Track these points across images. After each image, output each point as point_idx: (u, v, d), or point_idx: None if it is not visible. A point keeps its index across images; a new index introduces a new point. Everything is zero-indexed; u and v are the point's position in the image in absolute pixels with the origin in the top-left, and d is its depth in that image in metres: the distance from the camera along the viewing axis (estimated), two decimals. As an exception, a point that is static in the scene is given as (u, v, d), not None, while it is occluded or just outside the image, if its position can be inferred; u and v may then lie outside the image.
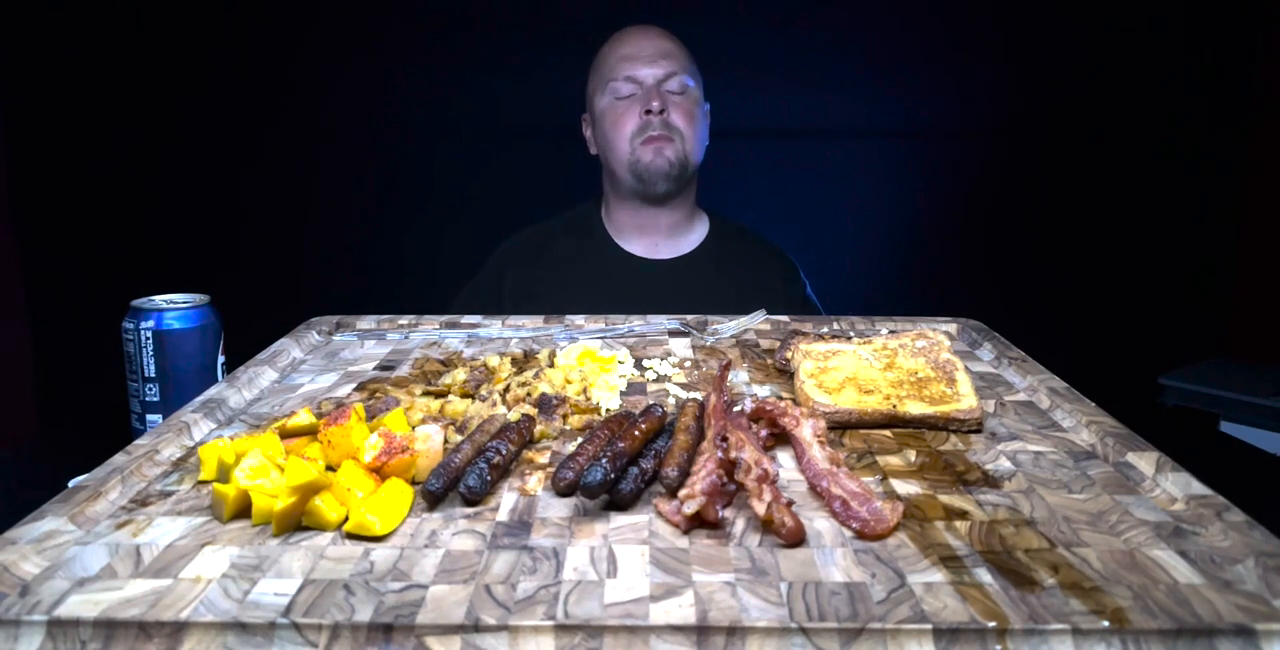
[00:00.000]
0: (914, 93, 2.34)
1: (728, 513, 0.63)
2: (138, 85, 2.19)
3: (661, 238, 1.59)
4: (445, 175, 2.29)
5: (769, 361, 1.03)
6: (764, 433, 0.76)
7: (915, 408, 0.81)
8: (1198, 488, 0.66)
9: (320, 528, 0.61)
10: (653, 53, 1.54)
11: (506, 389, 0.87)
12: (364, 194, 2.31)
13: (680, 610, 0.51)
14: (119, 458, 0.71)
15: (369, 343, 1.11)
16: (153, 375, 1.00)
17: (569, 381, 0.88)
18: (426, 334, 1.13)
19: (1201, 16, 2.36)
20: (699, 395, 0.90)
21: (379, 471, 0.66)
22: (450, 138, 2.28)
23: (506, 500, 0.66)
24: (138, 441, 0.75)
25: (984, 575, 0.55)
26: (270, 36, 2.22)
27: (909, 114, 2.36)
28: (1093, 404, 0.85)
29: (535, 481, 0.69)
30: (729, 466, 0.65)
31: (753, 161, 2.29)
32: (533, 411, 0.81)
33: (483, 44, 2.24)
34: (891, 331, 1.07)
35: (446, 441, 0.76)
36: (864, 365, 0.89)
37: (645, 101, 1.51)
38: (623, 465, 0.65)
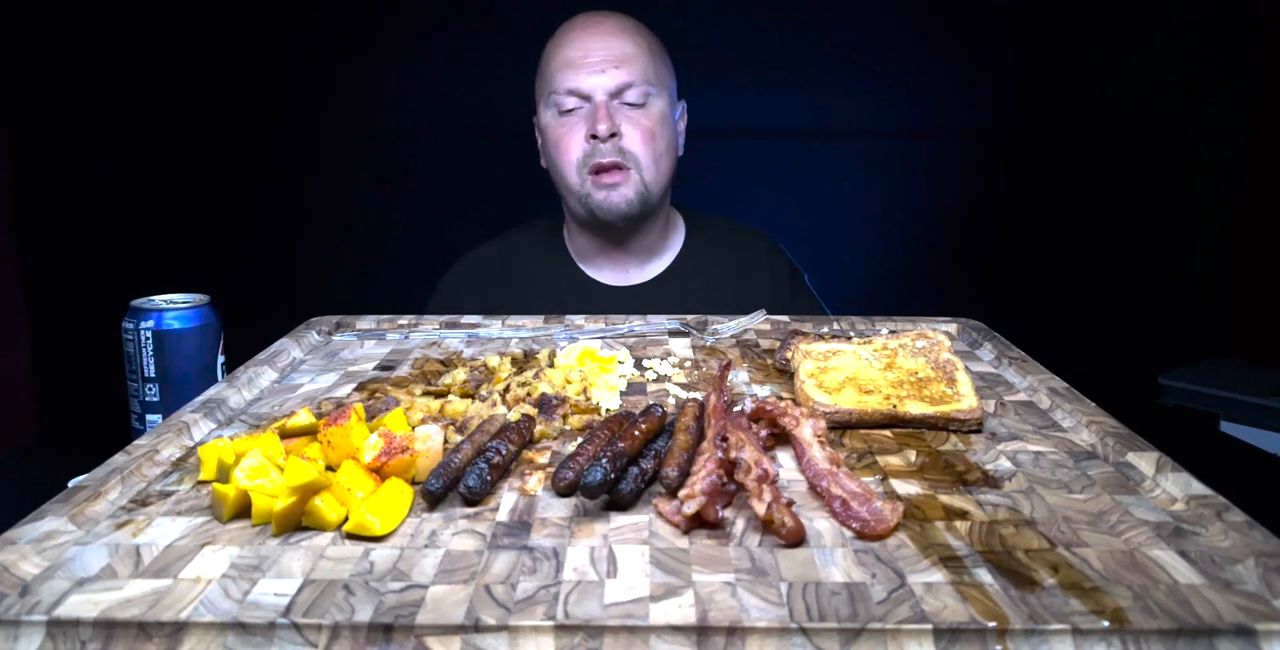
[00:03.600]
0: (914, 93, 2.34)
1: (728, 513, 0.63)
2: (138, 86, 2.20)
3: (632, 263, 1.42)
4: (445, 174, 2.29)
5: (769, 361, 1.03)
6: (764, 433, 0.76)
7: (915, 408, 0.81)
8: (1198, 488, 0.66)
9: (320, 528, 0.61)
10: (601, 58, 1.28)
11: (506, 389, 0.87)
12: (364, 194, 2.31)
13: (680, 610, 0.51)
14: (119, 458, 0.71)
15: (369, 343, 1.11)
16: (153, 375, 1.00)
17: (569, 381, 0.88)
18: (426, 334, 1.13)
19: (1201, 17, 2.37)
20: (699, 395, 0.90)
21: (379, 471, 0.66)
22: (451, 136, 2.28)
23: (506, 500, 0.66)
24: (138, 441, 0.75)
25: (984, 575, 0.55)
26: (270, 37, 2.22)
27: (909, 114, 2.36)
28: (1093, 404, 0.85)
29: (535, 481, 0.69)
30: (729, 466, 0.65)
31: (752, 161, 2.30)
32: (533, 411, 0.81)
33: (480, 41, 2.25)
34: (892, 331, 1.07)
35: (446, 441, 0.75)
36: (864, 365, 0.89)
37: (592, 122, 1.27)
38: (623, 465, 0.65)
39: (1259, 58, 2.42)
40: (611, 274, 1.43)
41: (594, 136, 1.28)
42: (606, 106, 1.28)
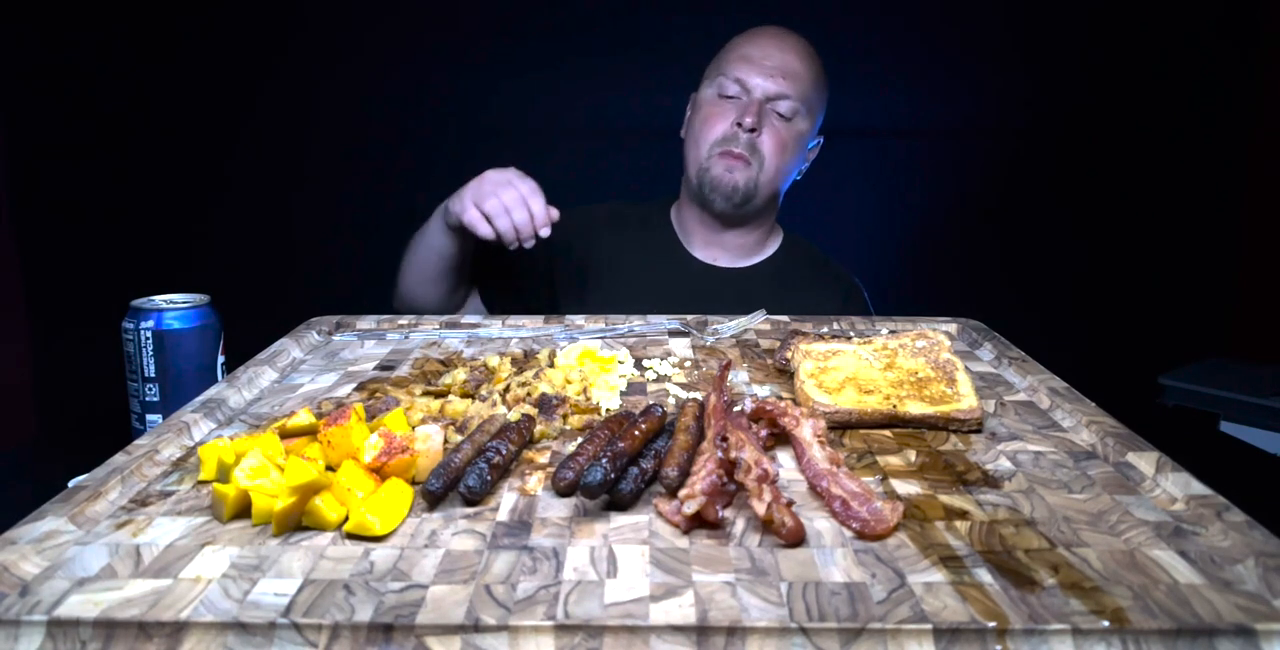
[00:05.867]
0: (915, 93, 2.34)
1: (728, 513, 0.63)
2: (137, 86, 2.19)
3: (724, 256, 1.53)
4: (446, 175, 2.28)
5: (769, 361, 1.03)
6: (764, 433, 0.76)
7: (915, 408, 0.81)
8: (1198, 488, 0.66)
9: (320, 528, 0.61)
10: (775, 65, 1.43)
11: (506, 389, 0.87)
12: (364, 194, 2.31)
13: (680, 610, 0.51)
14: (119, 458, 0.71)
15: (369, 343, 1.11)
16: (153, 375, 1.00)
17: (569, 381, 0.88)
18: (426, 334, 1.13)
19: (1202, 18, 2.37)
20: (699, 395, 0.90)
21: (379, 471, 0.66)
22: (452, 136, 2.28)
23: (506, 500, 0.66)
24: (138, 441, 0.75)
25: (984, 575, 0.55)
26: (270, 36, 2.22)
27: (909, 114, 2.36)
28: (1093, 404, 0.85)
29: (535, 481, 0.69)
30: (729, 466, 0.65)
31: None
32: (533, 411, 0.81)
33: (483, 41, 2.24)
34: (891, 331, 1.07)
35: (446, 441, 0.75)
36: (864, 365, 0.89)
37: (742, 112, 1.40)
38: (623, 465, 0.65)
39: (1260, 59, 2.42)
40: (704, 253, 1.53)
41: (739, 125, 1.40)
42: (760, 105, 1.41)
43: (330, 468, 0.68)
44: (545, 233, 1.24)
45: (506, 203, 1.22)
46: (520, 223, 1.22)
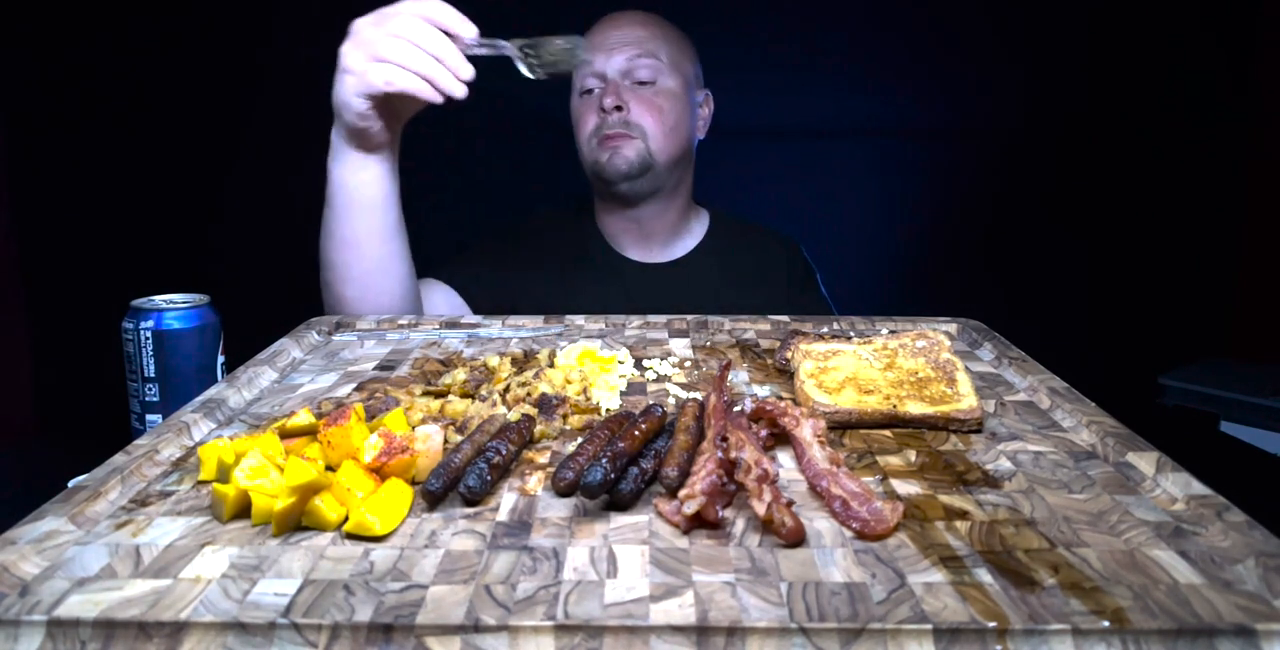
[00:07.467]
0: (914, 93, 2.34)
1: (728, 513, 0.63)
2: (137, 85, 2.19)
3: (656, 243, 1.51)
4: (445, 174, 2.29)
5: (769, 361, 1.03)
6: (764, 433, 0.76)
7: (915, 408, 0.81)
8: (1198, 488, 0.66)
9: (320, 528, 0.61)
10: (616, 41, 1.41)
11: (506, 389, 0.87)
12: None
13: (680, 610, 0.51)
14: (119, 458, 0.71)
15: (369, 343, 1.11)
16: (153, 375, 1.00)
17: (569, 381, 0.88)
18: (426, 334, 1.13)
19: (1201, 17, 2.37)
20: (699, 395, 0.90)
21: (379, 471, 0.66)
22: (451, 135, 2.27)
23: (506, 500, 0.66)
24: (138, 441, 0.75)
25: (984, 575, 0.55)
26: (271, 37, 2.22)
27: (910, 114, 2.36)
28: (1093, 404, 0.85)
29: (535, 481, 0.69)
30: (729, 466, 0.65)
31: (752, 161, 2.30)
32: (533, 411, 0.81)
33: (486, 36, 2.24)
34: (891, 331, 1.07)
35: (446, 441, 0.75)
36: (864, 365, 0.89)
37: (601, 98, 1.39)
38: (623, 465, 0.65)
39: (1259, 58, 2.42)
40: (637, 252, 1.52)
41: (603, 110, 1.39)
42: (617, 85, 1.40)
43: (330, 468, 0.68)
44: (469, 73, 1.06)
45: (414, 37, 1.02)
46: (431, 70, 1.02)
